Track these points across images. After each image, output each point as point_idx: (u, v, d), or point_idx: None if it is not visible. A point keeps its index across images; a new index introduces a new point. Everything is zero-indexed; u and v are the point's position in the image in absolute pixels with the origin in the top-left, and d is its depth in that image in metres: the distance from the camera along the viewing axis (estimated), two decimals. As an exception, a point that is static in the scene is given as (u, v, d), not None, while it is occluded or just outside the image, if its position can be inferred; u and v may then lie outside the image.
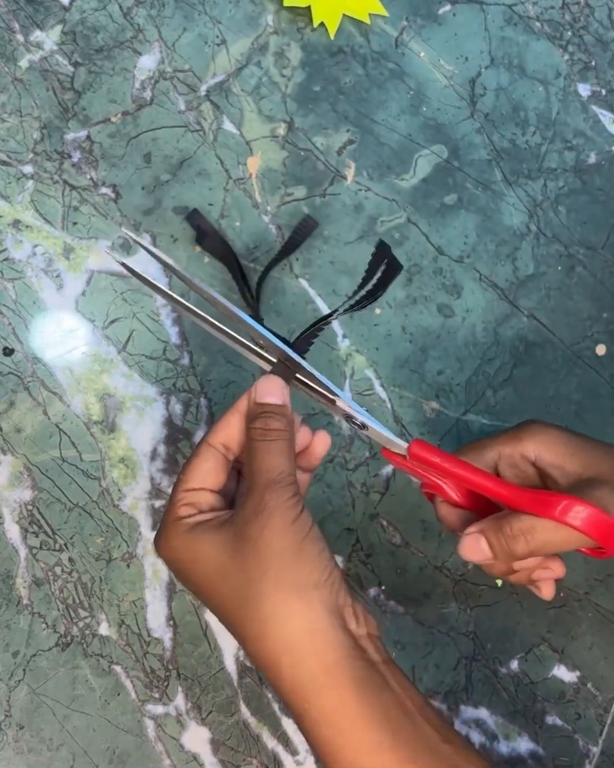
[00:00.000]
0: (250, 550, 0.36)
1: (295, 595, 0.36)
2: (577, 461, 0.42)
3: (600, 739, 0.52)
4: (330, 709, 0.35)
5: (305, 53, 0.56)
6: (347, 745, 0.35)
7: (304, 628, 0.35)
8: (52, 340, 0.52)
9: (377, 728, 0.35)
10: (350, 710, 0.35)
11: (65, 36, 0.54)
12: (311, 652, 0.35)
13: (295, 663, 0.35)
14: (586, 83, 0.58)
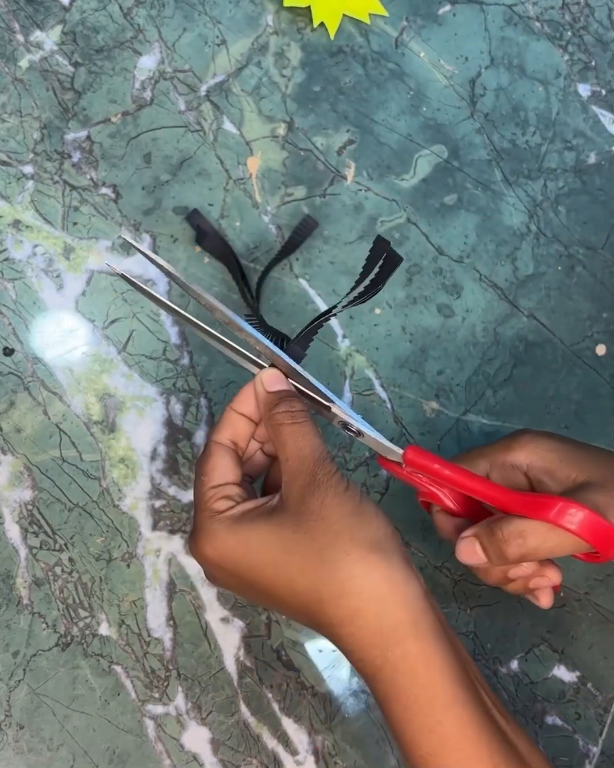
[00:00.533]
0: (314, 521, 0.37)
1: (372, 549, 0.36)
2: (569, 466, 0.42)
3: (600, 739, 0.52)
4: (413, 657, 0.36)
5: (305, 53, 0.56)
6: (423, 695, 0.36)
7: (387, 579, 0.36)
8: (52, 340, 0.52)
9: (452, 683, 0.36)
10: (431, 661, 0.36)
11: (65, 36, 0.54)
12: (396, 601, 0.36)
13: (380, 613, 0.36)
14: (586, 83, 0.58)
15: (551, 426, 0.54)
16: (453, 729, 0.36)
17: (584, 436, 0.54)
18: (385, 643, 0.36)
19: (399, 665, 0.36)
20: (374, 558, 0.36)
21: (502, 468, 0.44)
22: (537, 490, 0.44)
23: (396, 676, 0.36)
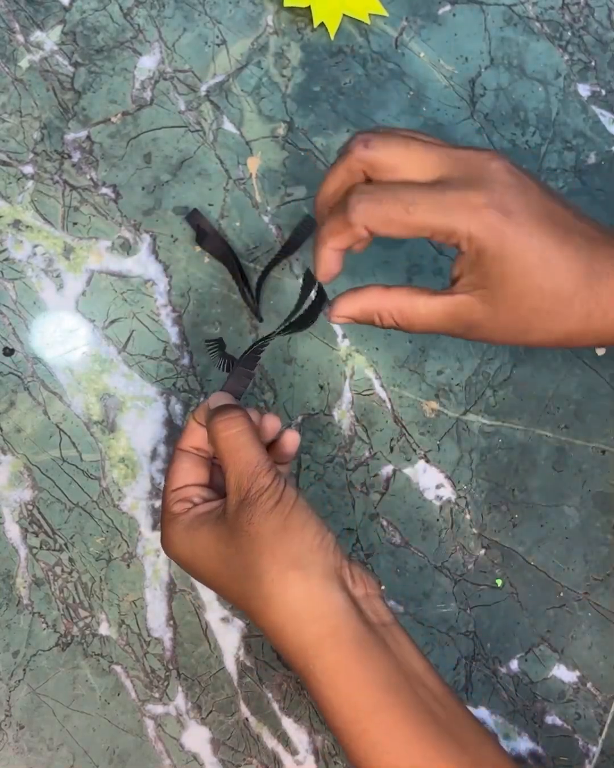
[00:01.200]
0: (243, 538, 0.39)
1: (291, 565, 0.38)
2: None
3: (600, 739, 0.52)
4: (332, 670, 0.37)
5: (305, 53, 0.56)
6: (346, 704, 0.37)
7: (304, 594, 0.38)
8: (52, 340, 0.52)
9: (376, 689, 0.37)
10: (350, 671, 0.37)
11: (65, 36, 0.54)
12: (312, 617, 0.37)
13: (298, 629, 0.38)
14: (586, 83, 0.58)
15: (550, 426, 0.54)
16: (379, 734, 0.37)
17: (584, 436, 0.54)
18: (306, 657, 0.37)
19: (321, 677, 0.37)
20: (292, 575, 0.38)
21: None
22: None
23: (321, 687, 0.37)
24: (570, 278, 0.38)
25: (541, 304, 0.38)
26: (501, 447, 0.54)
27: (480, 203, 0.37)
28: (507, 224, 0.37)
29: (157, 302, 0.53)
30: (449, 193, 0.37)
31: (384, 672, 0.37)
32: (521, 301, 0.38)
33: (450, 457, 0.54)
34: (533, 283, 0.38)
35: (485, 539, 0.53)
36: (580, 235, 0.39)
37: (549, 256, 0.38)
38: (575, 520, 0.54)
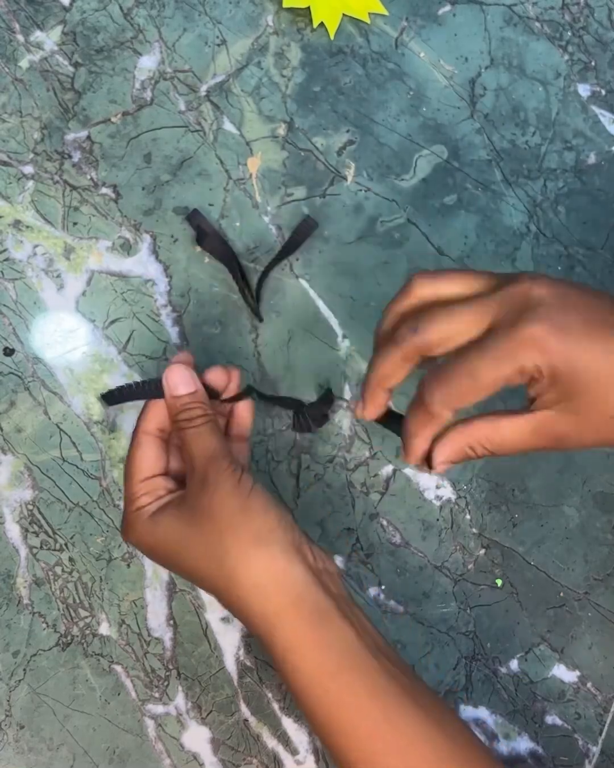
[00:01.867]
0: (204, 518, 0.41)
1: (253, 542, 0.40)
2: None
3: (600, 739, 0.52)
4: (294, 635, 0.39)
5: (305, 53, 0.56)
6: (308, 669, 0.39)
7: (266, 569, 0.40)
8: (52, 340, 0.52)
9: (337, 652, 0.39)
10: (312, 637, 0.39)
11: (65, 36, 0.54)
12: (275, 587, 0.40)
13: (261, 600, 0.40)
14: (586, 83, 0.58)
15: (551, 426, 0.54)
16: (341, 693, 0.39)
17: (584, 436, 0.54)
18: (270, 625, 0.39)
19: (285, 643, 0.39)
20: (254, 552, 0.40)
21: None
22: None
23: (284, 653, 0.39)
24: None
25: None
26: (501, 447, 0.54)
27: (536, 335, 0.37)
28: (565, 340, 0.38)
29: (157, 302, 0.53)
30: (500, 338, 0.38)
31: (344, 638, 0.39)
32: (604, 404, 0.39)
33: (450, 457, 0.54)
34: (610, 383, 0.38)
35: (485, 539, 0.53)
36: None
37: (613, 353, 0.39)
38: (575, 520, 0.54)
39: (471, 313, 0.39)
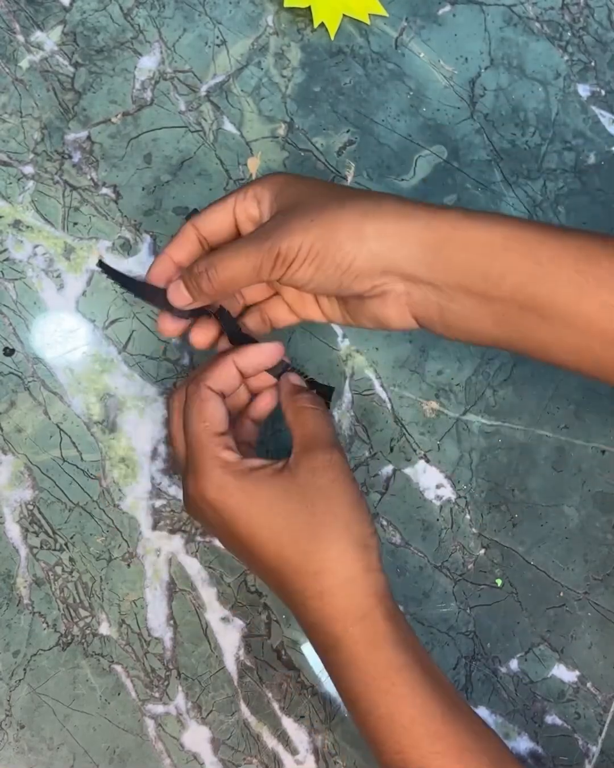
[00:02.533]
0: (320, 498, 0.41)
1: (359, 542, 0.41)
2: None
3: (600, 739, 0.52)
4: (371, 631, 0.40)
5: (305, 54, 0.56)
6: (380, 661, 0.40)
7: (363, 567, 0.41)
8: (52, 340, 0.52)
9: (404, 651, 0.41)
10: (386, 633, 0.41)
11: (66, 36, 0.54)
12: (364, 588, 0.41)
13: (349, 594, 0.40)
14: (586, 84, 0.58)
15: (550, 426, 0.54)
16: (406, 689, 0.40)
17: (584, 436, 0.54)
18: (349, 619, 0.40)
19: (359, 637, 0.40)
20: (358, 552, 0.41)
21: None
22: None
23: (356, 646, 0.40)
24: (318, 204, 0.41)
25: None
26: (501, 447, 0.54)
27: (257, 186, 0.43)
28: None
29: (158, 302, 0.53)
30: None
31: (409, 638, 0.41)
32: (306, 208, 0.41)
33: (450, 457, 0.54)
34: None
35: (485, 539, 0.53)
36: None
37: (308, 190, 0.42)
38: (575, 520, 0.54)
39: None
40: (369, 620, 0.40)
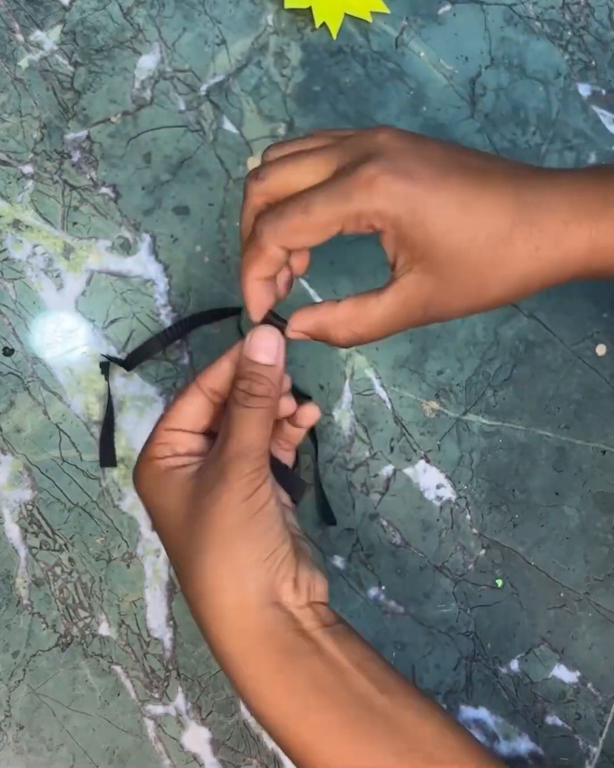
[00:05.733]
0: (201, 518, 0.37)
1: (231, 574, 0.37)
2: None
3: (601, 739, 0.52)
4: (256, 680, 0.37)
5: (305, 53, 0.56)
6: (275, 711, 0.37)
7: (234, 605, 0.37)
8: (52, 340, 0.52)
9: (302, 694, 0.36)
10: (275, 680, 0.37)
11: (65, 36, 0.54)
12: (237, 628, 0.37)
13: (224, 633, 0.37)
14: (586, 83, 0.58)
15: (551, 426, 0.54)
16: (310, 736, 0.36)
17: (584, 436, 0.54)
18: (231, 664, 0.37)
19: (247, 686, 0.37)
20: (228, 583, 0.37)
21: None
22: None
23: (248, 696, 0.37)
24: (500, 217, 0.36)
25: (482, 254, 0.36)
26: (501, 447, 0.54)
27: (373, 174, 0.35)
28: (410, 185, 0.35)
29: (157, 302, 0.53)
30: (340, 178, 0.36)
31: (311, 677, 0.37)
32: (462, 257, 0.36)
33: (451, 457, 0.53)
34: (464, 236, 0.36)
35: (485, 539, 0.53)
36: (500, 173, 0.37)
37: (468, 201, 0.36)
38: (575, 520, 0.54)
39: (314, 158, 0.37)
40: (249, 668, 0.37)
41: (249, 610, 0.37)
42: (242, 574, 0.37)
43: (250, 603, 0.37)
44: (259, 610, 0.37)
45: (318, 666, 0.37)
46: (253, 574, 0.37)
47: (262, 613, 0.37)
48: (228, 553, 0.37)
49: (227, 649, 0.37)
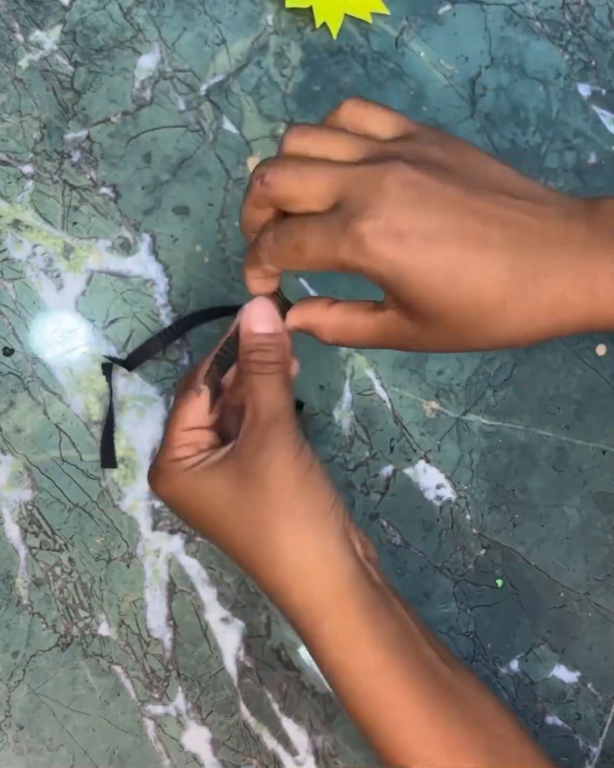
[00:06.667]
0: (257, 484, 0.37)
1: (307, 523, 0.37)
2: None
3: (601, 740, 0.52)
4: (339, 631, 0.37)
5: (305, 53, 0.56)
6: (355, 665, 0.37)
7: (317, 555, 0.37)
8: (52, 340, 0.52)
9: (382, 649, 0.37)
10: (358, 633, 0.37)
11: (65, 36, 0.54)
12: (323, 577, 0.37)
13: (307, 588, 0.37)
14: (586, 83, 0.58)
15: (551, 426, 0.54)
16: (387, 693, 0.37)
17: (584, 436, 0.54)
18: (313, 617, 0.37)
19: (327, 638, 0.37)
20: (307, 533, 0.37)
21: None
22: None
23: (326, 648, 0.37)
24: (493, 287, 0.35)
25: (467, 318, 0.35)
26: (501, 447, 0.54)
27: (361, 234, 0.34)
28: (398, 250, 0.34)
29: (157, 302, 0.53)
30: (334, 225, 0.35)
31: (390, 633, 0.37)
32: (445, 318, 0.35)
33: (451, 457, 0.53)
34: (449, 302, 0.35)
35: (485, 539, 0.53)
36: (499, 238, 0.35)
37: (459, 269, 0.35)
38: (575, 520, 0.54)
39: (319, 180, 0.36)
40: (335, 617, 0.37)
41: (331, 558, 0.37)
42: (318, 523, 0.37)
43: (332, 552, 0.37)
44: (340, 558, 0.37)
45: (393, 625, 0.38)
46: (327, 522, 0.37)
47: (344, 561, 0.37)
48: (297, 506, 0.37)
49: (311, 600, 0.37)
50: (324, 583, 0.37)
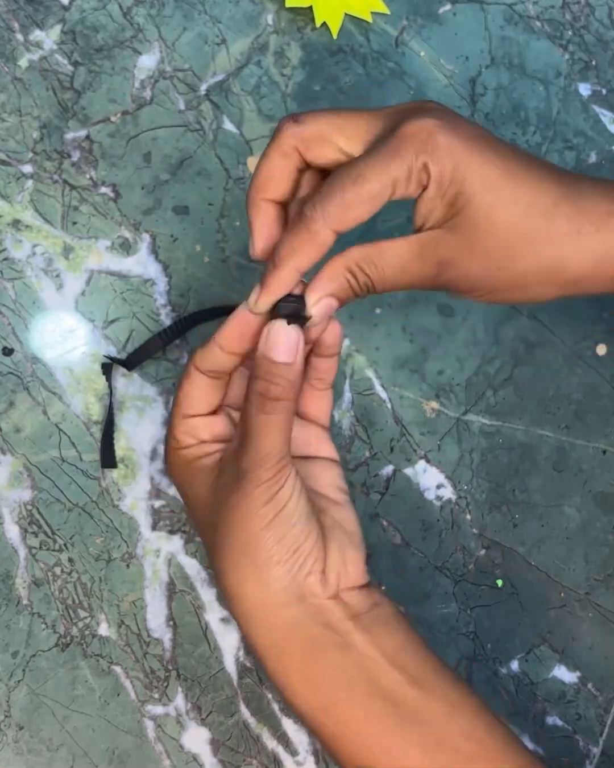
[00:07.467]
0: (223, 519, 0.38)
1: (252, 576, 0.37)
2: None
3: (601, 740, 0.52)
4: (282, 674, 0.37)
5: (305, 53, 0.56)
6: (302, 704, 0.37)
7: (257, 604, 0.37)
8: (51, 340, 0.52)
9: (327, 688, 0.37)
10: (299, 673, 0.37)
11: (65, 35, 0.54)
12: (262, 625, 0.37)
13: (251, 631, 0.38)
14: (587, 83, 0.57)
15: (551, 426, 0.54)
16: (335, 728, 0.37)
17: (584, 436, 0.54)
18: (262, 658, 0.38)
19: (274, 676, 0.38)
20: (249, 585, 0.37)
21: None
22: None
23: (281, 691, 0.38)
24: (544, 190, 0.35)
25: (519, 223, 0.35)
26: (501, 447, 0.54)
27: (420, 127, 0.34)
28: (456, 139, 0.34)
29: (157, 302, 0.53)
30: (386, 139, 0.35)
31: (337, 670, 0.37)
32: (496, 222, 0.35)
33: (451, 457, 0.53)
34: (503, 199, 0.34)
35: (485, 539, 0.53)
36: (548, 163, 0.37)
37: (513, 168, 0.35)
38: (575, 521, 0.54)
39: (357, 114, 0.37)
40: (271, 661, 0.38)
41: (272, 608, 0.37)
42: (264, 576, 0.37)
43: (273, 602, 0.37)
44: (282, 608, 0.37)
45: (344, 659, 0.37)
46: (274, 575, 0.37)
47: (285, 610, 0.37)
48: (249, 557, 0.37)
49: (255, 642, 0.38)
50: (262, 629, 0.37)
